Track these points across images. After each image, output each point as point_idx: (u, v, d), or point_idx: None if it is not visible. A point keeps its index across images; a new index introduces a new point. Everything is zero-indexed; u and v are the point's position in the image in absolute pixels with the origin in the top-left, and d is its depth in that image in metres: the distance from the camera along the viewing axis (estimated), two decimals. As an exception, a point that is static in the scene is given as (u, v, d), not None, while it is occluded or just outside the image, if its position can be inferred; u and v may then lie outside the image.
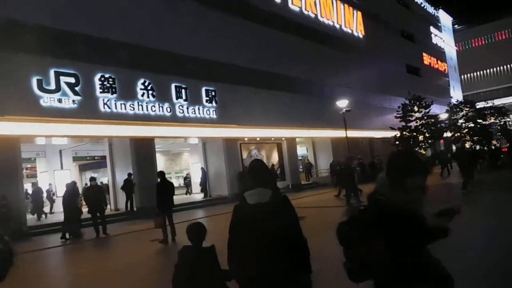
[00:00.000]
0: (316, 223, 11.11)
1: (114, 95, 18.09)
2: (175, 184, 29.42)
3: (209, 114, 22.29)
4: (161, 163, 29.75)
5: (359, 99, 35.40)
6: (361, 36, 38.07)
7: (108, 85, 17.87)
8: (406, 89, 33.72)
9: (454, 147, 43.20)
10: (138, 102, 18.89)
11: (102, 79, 17.72)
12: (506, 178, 19.81)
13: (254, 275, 2.98)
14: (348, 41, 35.98)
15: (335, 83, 31.93)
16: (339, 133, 30.62)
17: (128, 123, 18.37)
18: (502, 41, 76.27)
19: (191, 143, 26.16)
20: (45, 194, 20.67)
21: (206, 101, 22.26)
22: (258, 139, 26.19)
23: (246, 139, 25.30)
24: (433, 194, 3.28)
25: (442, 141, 45.92)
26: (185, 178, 29.76)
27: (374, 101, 37.48)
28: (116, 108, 18.10)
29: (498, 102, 52.67)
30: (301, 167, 33.16)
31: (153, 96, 19.51)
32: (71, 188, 14.09)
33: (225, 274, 3.39)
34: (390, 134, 33.28)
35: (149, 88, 19.34)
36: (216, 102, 22.70)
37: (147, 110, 19.20)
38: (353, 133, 33.69)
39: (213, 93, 22.61)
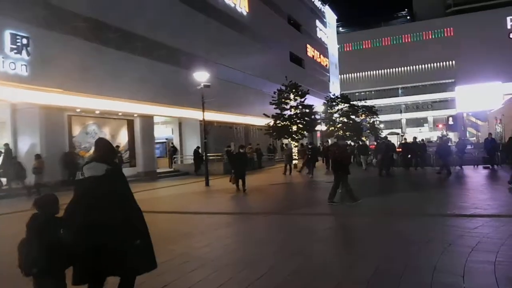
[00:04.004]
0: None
1: None
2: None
3: (15, 69, 15.21)
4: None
5: (237, 80, 30.77)
6: (244, 12, 33.21)
7: None
8: (288, 77, 29.87)
9: (329, 141, 41.19)
10: None
11: None
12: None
13: (88, 242, 3.10)
14: (230, 14, 30.83)
15: (210, 58, 26.57)
16: (211, 115, 25.53)
17: None
18: (377, 48, 78.60)
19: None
20: None
21: (12, 50, 15.15)
22: (97, 112, 19.58)
23: (78, 110, 18.57)
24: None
25: (319, 134, 43.74)
26: None
27: (253, 85, 33.13)
28: None
29: (370, 102, 52.84)
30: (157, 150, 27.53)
31: None
32: None
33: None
34: (268, 121, 29.04)
35: None
36: (28, 54, 15.68)
37: None
38: (224, 117, 29.00)
39: (24, 41, 15.54)
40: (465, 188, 13.02)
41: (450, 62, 73.11)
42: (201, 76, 17.17)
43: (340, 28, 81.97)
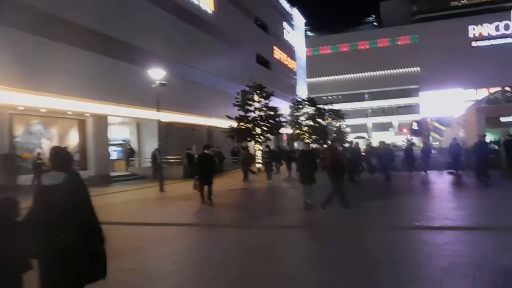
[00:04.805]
0: None
1: None
2: None
3: None
4: None
5: (200, 81, 29.63)
6: (209, 11, 32.11)
7: None
8: (255, 79, 28.91)
9: (296, 144, 40.64)
10: None
11: None
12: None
13: (45, 250, 3.12)
14: (193, 11, 29.64)
15: (171, 56, 25.28)
16: (171, 116, 24.37)
17: None
18: (344, 52, 79.28)
19: None
20: None
21: None
22: (43, 110, 17.96)
23: (21, 108, 16.91)
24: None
25: (285, 137, 43.13)
26: None
27: (217, 86, 31.99)
28: None
29: (336, 106, 52.79)
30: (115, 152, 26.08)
31: None
32: None
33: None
34: (231, 123, 27.95)
35: None
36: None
37: None
38: (186, 118, 27.87)
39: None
40: (431, 195, 12.48)
41: (415, 69, 74.59)
42: (156, 74, 15.97)
43: (308, 32, 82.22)
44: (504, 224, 7.45)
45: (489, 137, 25.05)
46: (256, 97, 25.84)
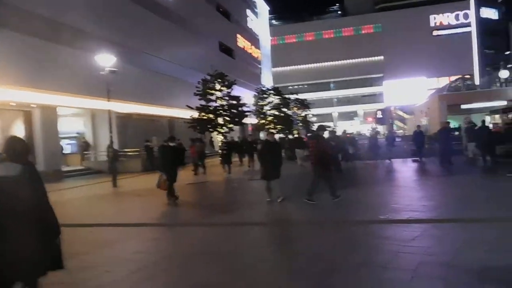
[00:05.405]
0: None
1: None
2: None
3: None
4: None
5: (160, 70, 28.45)
6: (169, -3, 30.78)
7: None
8: (218, 68, 27.92)
9: (261, 134, 40.10)
10: None
11: None
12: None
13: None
14: (152, -3, 28.29)
15: (127, 44, 24.00)
16: (129, 107, 23.29)
17: None
18: (309, 41, 79.20)
19: None
20: None
21: None
22: (-18, 101, 16.46)
23: (-45, 98, 15.41)
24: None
25: (251, 127, 42.49)
26: None
27: (179, 75, 30.83)
28: None
29: (302, 96, 52.58)
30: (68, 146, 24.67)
31: None
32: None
33: None
34: (192, 114, 26.94)
35: None
36: None
37: None
38: (146, 109, 26.74)
39: None
40: (396, 184, 12.12)
41: (379, 57, 75.51)
42: (105, 60, 14.81)
43: (273, 21, 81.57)
44: (472, 215, 7.05)
45: (451, 124, 25.35)
46: (217, 86, 24.96)
